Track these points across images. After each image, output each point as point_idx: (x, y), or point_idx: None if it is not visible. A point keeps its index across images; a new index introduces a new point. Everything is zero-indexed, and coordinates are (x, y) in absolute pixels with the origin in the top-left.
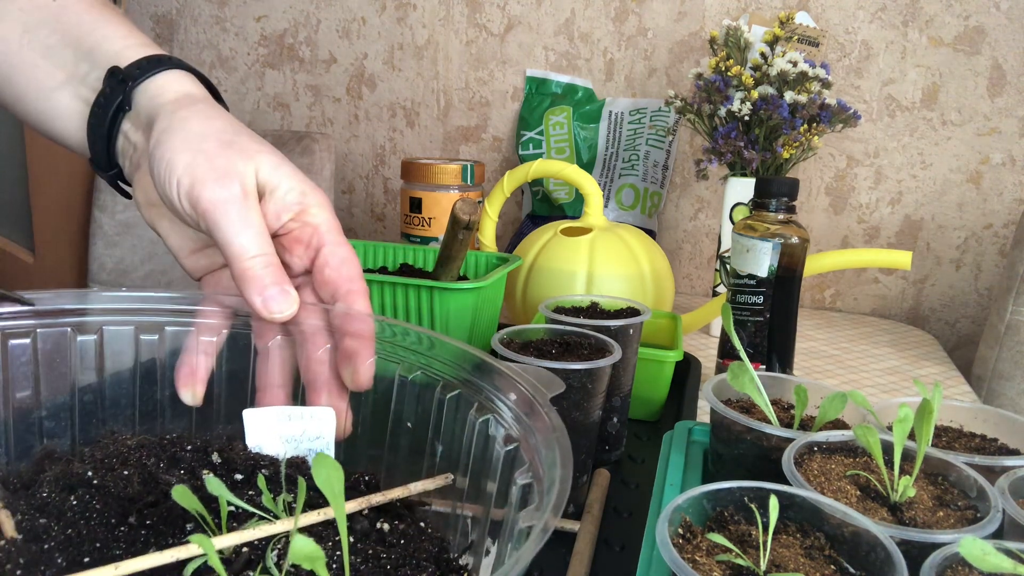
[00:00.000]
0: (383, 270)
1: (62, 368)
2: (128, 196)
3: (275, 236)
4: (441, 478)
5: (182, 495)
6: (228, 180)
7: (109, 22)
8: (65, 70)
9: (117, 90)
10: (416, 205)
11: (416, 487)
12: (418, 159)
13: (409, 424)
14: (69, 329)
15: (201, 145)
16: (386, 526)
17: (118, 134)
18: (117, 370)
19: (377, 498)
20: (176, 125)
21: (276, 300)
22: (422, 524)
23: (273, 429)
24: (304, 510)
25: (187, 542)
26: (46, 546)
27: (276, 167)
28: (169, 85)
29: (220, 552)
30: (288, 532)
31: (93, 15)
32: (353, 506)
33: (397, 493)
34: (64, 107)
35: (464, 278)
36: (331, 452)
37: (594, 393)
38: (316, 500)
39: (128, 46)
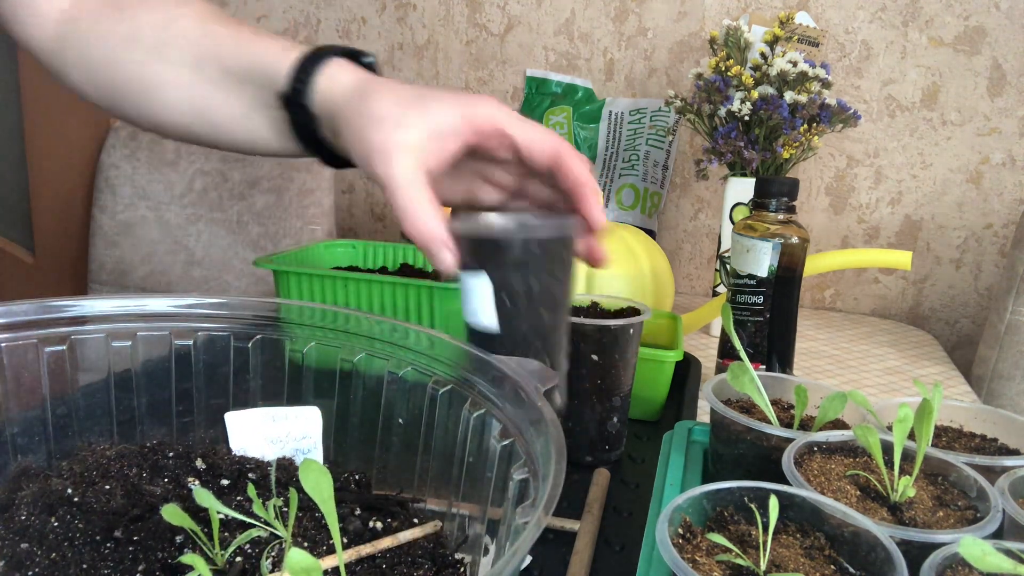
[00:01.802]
0: (383, 270)
1: (31, 382)
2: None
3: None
4: (430, 525)
5: (172, 514)
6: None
7: (248, 40)
8: (241, 99)
9: (298, 112)
10: None
11: (405, 535)
12: None
13: (400, 421)
14: (36, 340)
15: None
16: (379, 525)
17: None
18: (89, 379)
19: (367, 549)
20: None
21: None
22: (415, 521)
23: (257, 431)
24: (296, 515)
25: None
26: (30, 573)
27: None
28: (336, 78)
29: (212, 562)
30: (282, 539)
31: (235, 38)
32: (350, 555)
33: (386, 543)
34: (263, 129)
35: None
36: (319, 452)
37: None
38: (307, 502)
39: (279, 51)
